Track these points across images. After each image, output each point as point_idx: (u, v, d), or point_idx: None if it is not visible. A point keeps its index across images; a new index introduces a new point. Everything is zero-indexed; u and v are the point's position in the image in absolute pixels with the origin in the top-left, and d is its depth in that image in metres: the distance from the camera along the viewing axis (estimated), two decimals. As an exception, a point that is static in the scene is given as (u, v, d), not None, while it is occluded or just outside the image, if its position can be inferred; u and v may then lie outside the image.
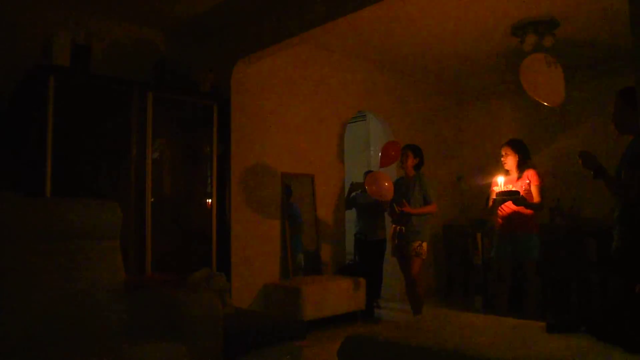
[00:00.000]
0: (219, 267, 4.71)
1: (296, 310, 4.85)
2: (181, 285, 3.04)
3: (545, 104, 5.06)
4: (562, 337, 2.31)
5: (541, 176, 4.40)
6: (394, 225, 4.99)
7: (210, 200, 4.89)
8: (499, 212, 4.47)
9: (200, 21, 4.97)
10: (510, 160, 4.49)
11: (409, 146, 5.07)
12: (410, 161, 4.98)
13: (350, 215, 6.30)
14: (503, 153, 4.53)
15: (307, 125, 5.91)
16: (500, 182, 4.40)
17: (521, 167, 4.45)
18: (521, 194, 4.28)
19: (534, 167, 4.45)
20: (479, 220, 6.29)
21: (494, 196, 4.38)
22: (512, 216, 4.37)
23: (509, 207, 4.39)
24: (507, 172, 4.53)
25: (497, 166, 4.72)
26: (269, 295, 5.25)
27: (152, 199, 4.44)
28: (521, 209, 4.31)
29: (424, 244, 4.85)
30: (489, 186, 4.61)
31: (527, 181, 4.36)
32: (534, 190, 4.32)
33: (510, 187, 4.36)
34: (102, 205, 2.95)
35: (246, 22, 4.87)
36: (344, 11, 4.10)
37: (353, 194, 6.07)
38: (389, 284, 6.50)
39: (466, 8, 4.92)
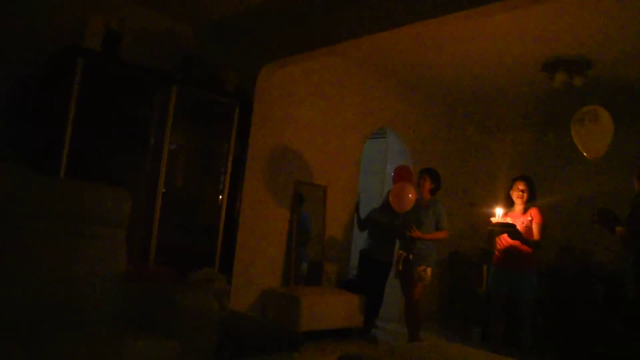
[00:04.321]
0: (222, 267, 4.69)
1: (293, 319, 4.81)
2: (181, 282, 3.03)
3: (585, 154, 4.98)
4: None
5: (544, 215, 4.38)
6: (400, 252, 4.94)
7: (221, 197, 4.88)
8: (497, 245, 4.44)
9: (232, 21, 4.98)
10: (524, 195, 4.45)
11: (427, 171, 5.04)
12: (427, 185, 4.96)
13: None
14: (519, 188, 4.50)
15: (327, 136, 5.89)
16: (498, 214, 4.37)
17: (527, 203, 4.43)
18: (519, 229, 4.25)
19: (538, 206, 4.43)
20: (487, 251, 6.22)
21: (490, 227, 4.35)
22: (510, 251, 4.34)
23: (507, 240, 4.35)
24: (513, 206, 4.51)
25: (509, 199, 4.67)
26: (267, 300, 5.21)
27: (164, 190, 4.44)
28: (518, 244, 4.28)
29: (429, 269, 4.81)
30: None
31: (530, 218, 4.34)
32: (535, 227, 4.32)
33: (508, 220, 4.33)
34: (113, 191, 2.93)
35: (276, 28, 4.86)
36: (374, 29, 4.08)
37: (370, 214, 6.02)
38: (389, 305, 6.43)
39: (499, 40, 4.88)
